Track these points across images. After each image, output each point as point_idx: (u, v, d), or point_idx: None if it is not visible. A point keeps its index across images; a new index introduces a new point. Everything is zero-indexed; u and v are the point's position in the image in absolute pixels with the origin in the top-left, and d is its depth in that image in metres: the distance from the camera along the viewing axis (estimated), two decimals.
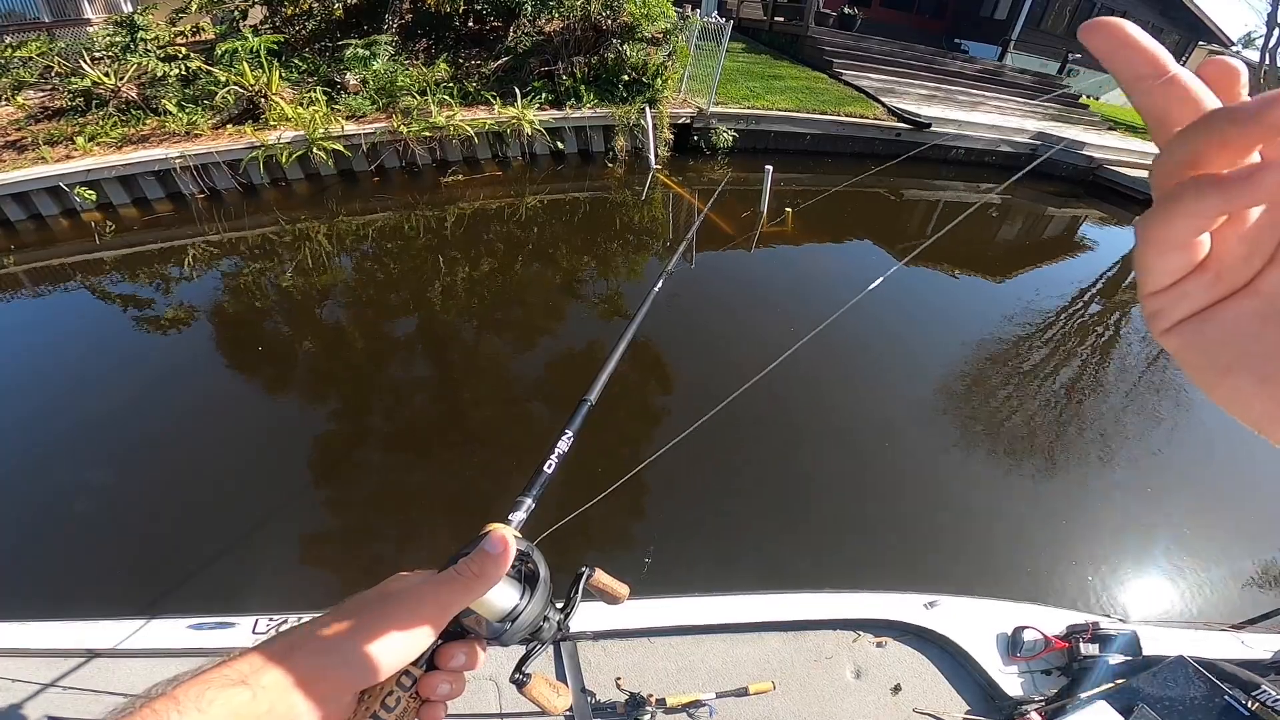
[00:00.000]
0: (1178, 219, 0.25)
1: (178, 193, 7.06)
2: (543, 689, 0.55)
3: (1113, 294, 7.88)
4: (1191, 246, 0.27)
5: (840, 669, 2.41)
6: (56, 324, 5.40)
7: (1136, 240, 0.28)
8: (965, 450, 4.56)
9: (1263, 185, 0.23)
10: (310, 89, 7.88)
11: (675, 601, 2.49)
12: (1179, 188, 0.25)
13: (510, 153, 8.81)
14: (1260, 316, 0.27)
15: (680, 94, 9.93)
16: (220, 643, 2.15)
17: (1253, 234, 0.27)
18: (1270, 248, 0.26)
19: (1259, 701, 1.98)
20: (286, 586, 3.14)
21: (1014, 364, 5.86)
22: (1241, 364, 0.28)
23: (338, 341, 5.20)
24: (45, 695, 2.00)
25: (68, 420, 4.07)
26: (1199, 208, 0.24)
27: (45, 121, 7.15)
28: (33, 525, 3.39)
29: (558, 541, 2.29)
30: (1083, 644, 2.36)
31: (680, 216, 8.18)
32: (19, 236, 6.31)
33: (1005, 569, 3.63)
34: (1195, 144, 0.24)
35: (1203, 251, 0.27)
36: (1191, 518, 4.13)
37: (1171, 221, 0.26)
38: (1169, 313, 0.29)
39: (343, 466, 3.94)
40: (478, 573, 0.48)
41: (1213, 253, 0.28)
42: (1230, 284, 0.28)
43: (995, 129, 11.83)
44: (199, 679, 0.39)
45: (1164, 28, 19.04)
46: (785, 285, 6.84)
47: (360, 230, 6.98)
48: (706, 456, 3.93)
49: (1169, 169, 0.25)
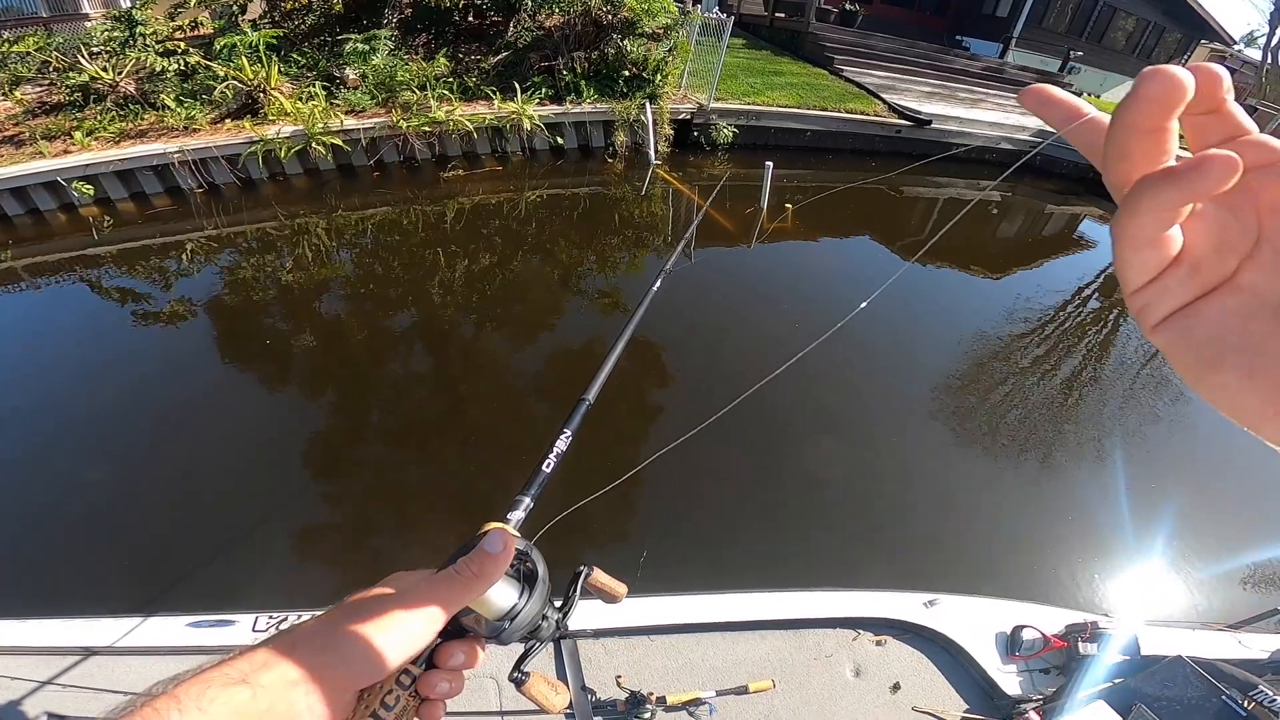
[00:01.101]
0: (1141, 215, 0.27)
1: (176, 188, 7.04)
2: (541, 687, 0.56)
3: (1112, 291, 7.88)
4: (1163, 241, 0.28)
5: (840, 667, 2.41)
6: (53, 319, 5.39)
7: (1112, 240, 0.30)
8: (964, 448, 4.57)
9: (1212, 173, 0.24)
10: (309, 84, 7.87)
11: (675, 600, 2.49)
12: (1137, 185, 0.27)
13: (510, 148, 8.80)
14: (1243, 312, 0.28)
15: (681, 90, 9.90)
16: (220, 641, 2.15)
17: (1218, 229, 0.28)
18: (1239, 243, 0.28)
19: (1256, 701, 1.99)
20: (286, 584, 3.15)
21: (1013, 361, 5.86)
22: (1228, 360, 0.28)
23: (336, 337, 5.19)
24: (43, 693, 2.00)
25: (65, 415, 4.06)
26: (1157, 201, 0.26)
27: (43, 116, 7.13)
28: (30, 521, 3.38)
29: (556, 540, 2.29)
30: (1081, 643, 2.37)
31: (680, 212, 8.17)
32: (16, 231, 6.30)
33: (1004, 568, 3.63)
34: (1113, 139, 0.27)
35: (1175, 246, 0.29)
36: (1189, 517, 4.13)
37: (1136, 218, 0.27)
38: (1153, 309, 0.31)
39: (342, 463, 3.94)
40: (477, 572, 0.48)
41: (1186, 246, 0.29)
42: (1207, 278, 0.29)
43: (996, 126, 11.81)
44: (200, 678, 0.39)
45: (1166, 26, 19.00)
46: (786, 282, 6.83)
47: (359, 225, 6.96)
48: (705, 455, 3.92)
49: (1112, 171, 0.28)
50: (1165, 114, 0.25)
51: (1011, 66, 15.89)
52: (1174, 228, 0.28)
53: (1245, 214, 0.28)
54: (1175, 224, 0.28)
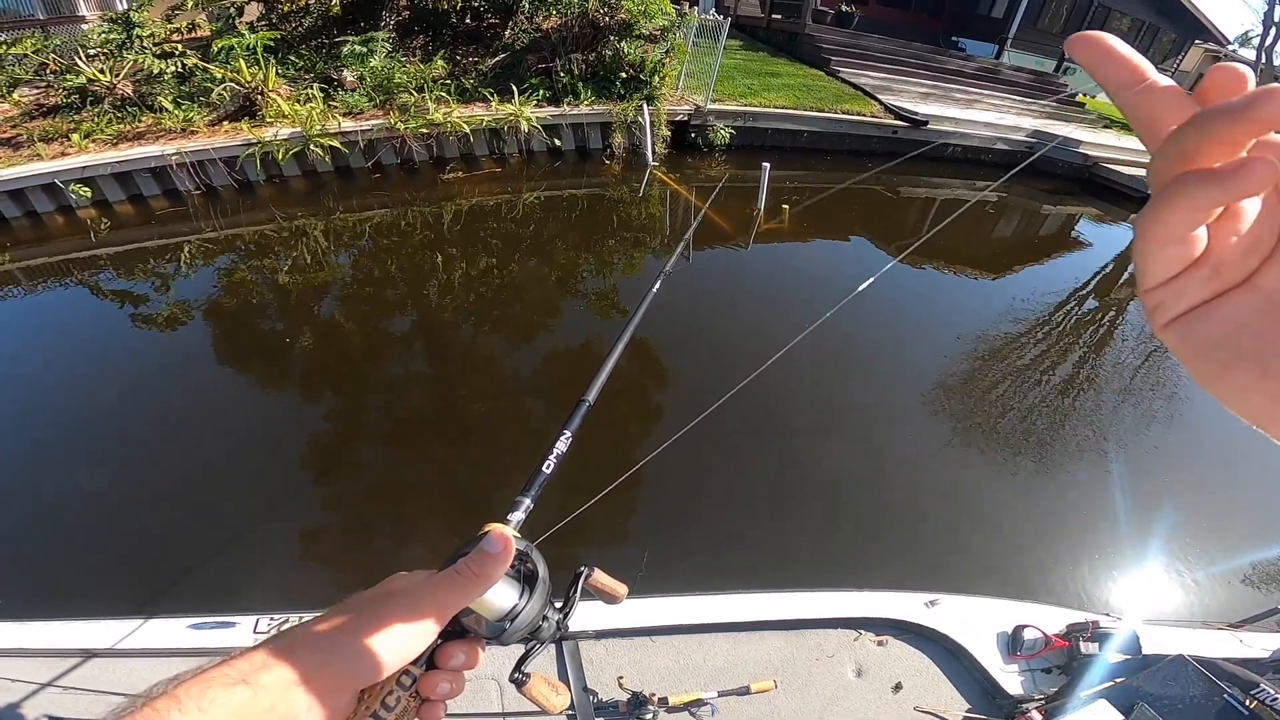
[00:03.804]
0: (1174, 212, 0.26)
1: (173, 189, 7.03)
2: (542, 688, 0.56)
3: (1108, 291, 7.89)
4: (1189, 241, 0.28)
5: (842, 668, 2.41)
6: (51, 321, 5.38)
7: (1135, 235, 0.29)
8: (964, 448, 4.57)
9: (1254, 176, 0.24)
10: (307, 86, 7.86)
11: (677, 600, 2.49)
12: (1175, 181, 0.26)
13: (508, 149, 8.80)
14: (1260, 312, 0.27)
15: (678, 91, 9.92)
16: (221, 642, 2.14)
17: (1249, 229, 0.27)
18: (1268, 243, 0.27)
19: (1258, 700, 1.99)
20: (287, 586, 3.13)
21: (1011, 361, 5.87)
22: (1241, 360, 0.28)
23: (335, 338, 5.19)
24: (43, 695, 1.99)
25: (65, 417, 4.05)
26: (1194, 200, 0.25)
27: (40, 119, 7.11)
28: (30, 522, 3.37)
29: (556, 541, 2.29)
30: (1083, 642, 2.37)
31: (678, 213, 8.17)
32: (14, 233, 6.28)
33: (1005, 567, 3.63)
34: (1189, 140, 0.25)
35: (1200, 246, 0.28)
36: (1190, 515, 4.13)
37: (1169, 215, 0.26)
38: (1168, 307, 0.30)
39: (342, 464, 3.93)
40: (477, 572, 0.48)
41: (1210, 248, 0.28)
42: (1228, 279, 0.28)
43: (992, 127, 11.85)
44: (200, 678, 0.39)
45: (1161, 26, 19.08)
46: (782, 282, 6.84)
47: (357, 227, 6.96)
48: (704, 455, 3.92)
49: (1165, 166, 0.26)
50: (1265, 134, 0.24)
51: (1007, 67, 15.96)
52: (1201, 227, 0.27)
53: (1269, 214, 0.27)
54: (1205, 223, 0.27)
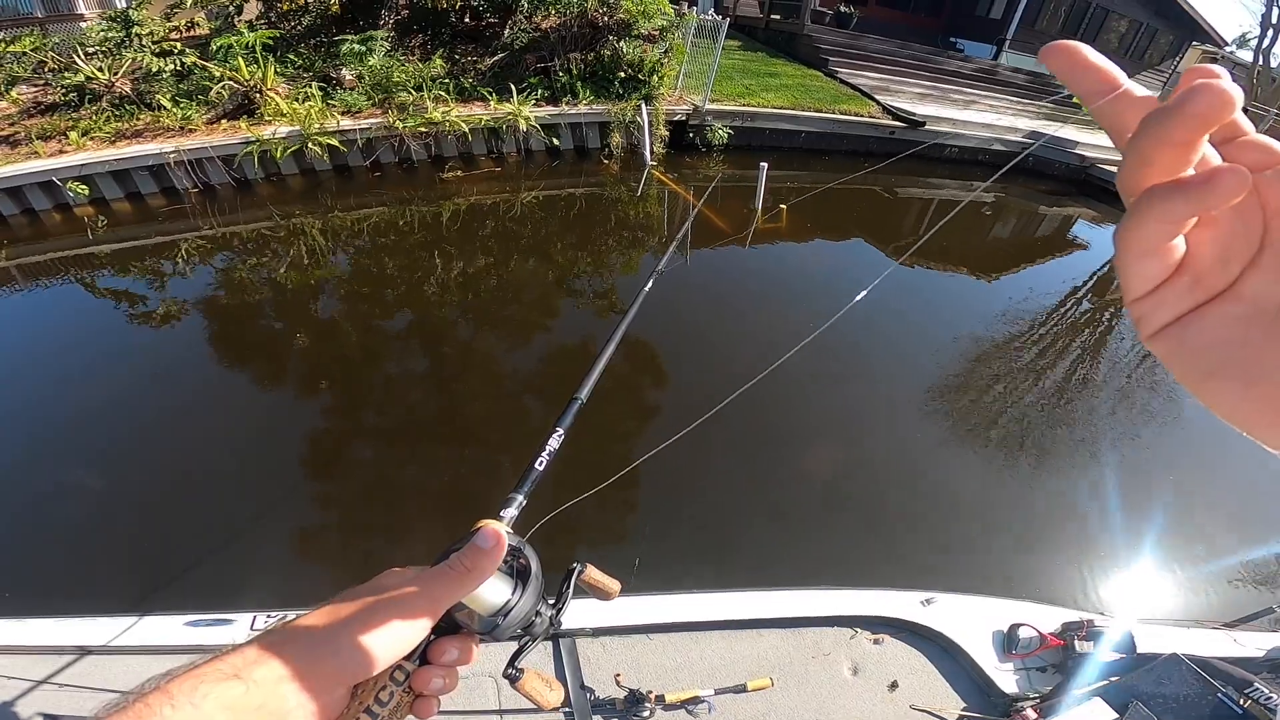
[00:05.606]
0: (1147, 224, 0.26)
1: (171, 187, 7.02)
2: (535, 683, 0.56)
3: (1104, 292, 7.91)
4: (1166, 252, 0.28)
5: (838, 665, 2.42)
6: (48, 318, 5.37)
7: (1115, 249, 0.29)
8: (961, 447, 4.58)
9: (1221, 187, 0.23)
10: (305, 84, 7.85)
11: (673, 598, 2.49)
12: (1144, 195, 0.26)
13: (506, 149, 8.79)
14: (1243, 320, 0.27)
15: (676, 91, 9.91)
16: (217, 640, 2.14)
17: (1225, 237, 0.27)
18: (1244, 251, 0.27)
19: (1251, 699, 1.99)
20: (283, 583, 3.13)
21: (1007, 361, 5.88)
22: (1227, 368, 0.28)
23: (332, 337, 5.18)
24: (38, 692, 1.99)
25: (61, 415, 4.05)
26: (1164, 212, 0.25)
27: (38, 116, 7.10)
28: (26, 520, 3.37)
29: (549, 539, 2.29)
30: (1078, 641, 2.38)
31: (676, 213, 8.17)
32: (11, 231, 6.27)
33: (1001, 566, 3.64)
34: (1143, 145, 0.25)
35: (1178, 256, 0.28)
36: (1184, 515, 4.15)
37: (1142, 227, 0.27)
38: (1153, 318, 0.30)
39: (337, 462, 3.93)
40: (470, 567, 0.48)
41: (1189, 257, 0.28)
42: (1209, 288, 0.28)
43: (989, 127, 11.85)
44: (192, 673, 0.38)
45: (1158, 28, 19.09)
46: (780, 281, 6.85)
47: (355, 225, 6.95)
48: (700, 454, 3.92)
49: (1131, 175, 0.26)
50: (1205, 130, 0.24)
51: (1004, 68, 15.99)
52: (1178, 237, 0.27)
53: (1250, 219, 0.27)
54: (1180, 235, 0.27)
